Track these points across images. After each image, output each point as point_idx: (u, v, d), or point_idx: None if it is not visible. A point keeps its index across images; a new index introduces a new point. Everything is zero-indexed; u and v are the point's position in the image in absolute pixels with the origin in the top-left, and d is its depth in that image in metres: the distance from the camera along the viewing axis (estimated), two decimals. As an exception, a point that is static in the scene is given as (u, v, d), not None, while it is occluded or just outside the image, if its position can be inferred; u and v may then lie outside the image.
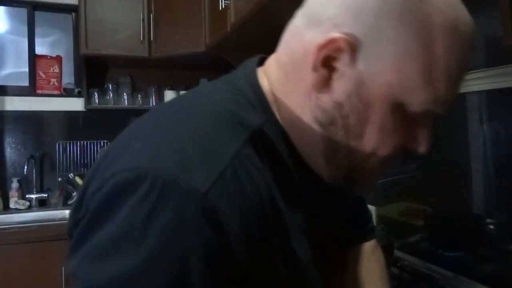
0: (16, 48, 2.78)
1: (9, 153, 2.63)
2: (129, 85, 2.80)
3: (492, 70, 1.04)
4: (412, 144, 0.43)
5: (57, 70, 2.81)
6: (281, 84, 0.44)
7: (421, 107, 0.39)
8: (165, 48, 2.47)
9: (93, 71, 2.68)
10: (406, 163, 1.38)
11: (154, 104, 2.78)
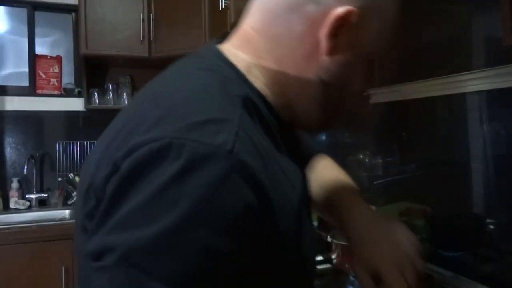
0: (16, 48, 2.78)
1: (9, 153, 2.64)
2: (129, 85, 2.81)
3: (492, 70, 1.04)
4: (371, 77, 0.55)
5: (57, 70, 2.81)
6: (272, 52, 0.50)
7: (378, 54, 0.53)
8: (165, 48, 2.48)
9: (93, 71, 2.68)
10: (406, 163, 1.38)
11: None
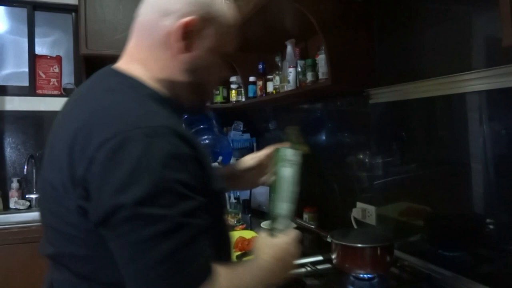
0: (16, 48, 2.78)
1: (9, 153, 2.64)
2: (129, 85, 2.81)
3: (492, 70, 1.04)
4: (224, 72, 0.81)
5: (57, 70, 2.81)
6: (150, 61, 0.73)
7: (228, 50, 0.77)
8: (165, 48, 2.47)
9: (93, 71, 2.65)
10: (406, 163, 1.38)
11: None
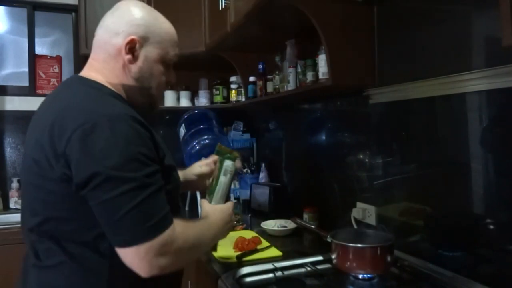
0: (16, 48, 2.78)
1: (9, 153, 2.64)
2: (129, 85, 2.81)
3: (492, 70, 1.04)
4: (170, 77, 1.03)
5: (57, 70, 2.81)
6: (106, 70, 0.95)
7: (170, 59, 1.00)
8: (165, 48, 2.47)
9: (93, 71, 2.68)
10: (406, 163, 1.38)
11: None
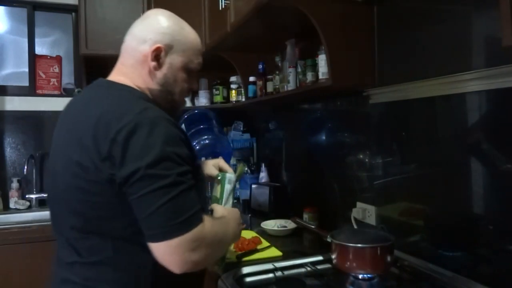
0: (16, 48, 2.78)
1: (9, 153, 2.64)
2: (129, 85, 2.81)
3: (492, 70, 1.04)
4: (193, 84, 1.08)
5: (57, 70, 2.81)
6: (134, 75, 0.99)
7: (194, 68, 1.04)
8: (165, 48, 2.47)
9: (93, 71, 2.67)
10: (406, 163, 1.38)
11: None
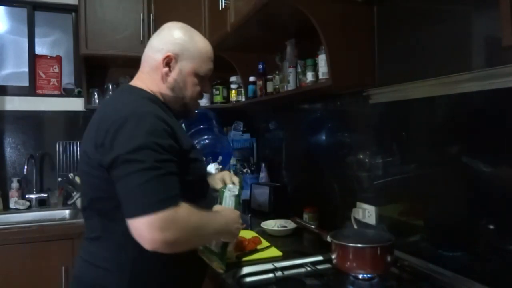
0: (16, 48, 2.78)
1: (9, 153, 2.64)
2: (129, 85, 2.81)
3: (492, 70, 1.04)
4: (205, 88, 1.19)
5: (57, 70, 2.81)
6: (148, 80, 1.13)
7: (204, 73, 1.16)
8: (165, 48, 2.47)
9: (93, 71, 2.68)
10: (406, 163, 1.38)
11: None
